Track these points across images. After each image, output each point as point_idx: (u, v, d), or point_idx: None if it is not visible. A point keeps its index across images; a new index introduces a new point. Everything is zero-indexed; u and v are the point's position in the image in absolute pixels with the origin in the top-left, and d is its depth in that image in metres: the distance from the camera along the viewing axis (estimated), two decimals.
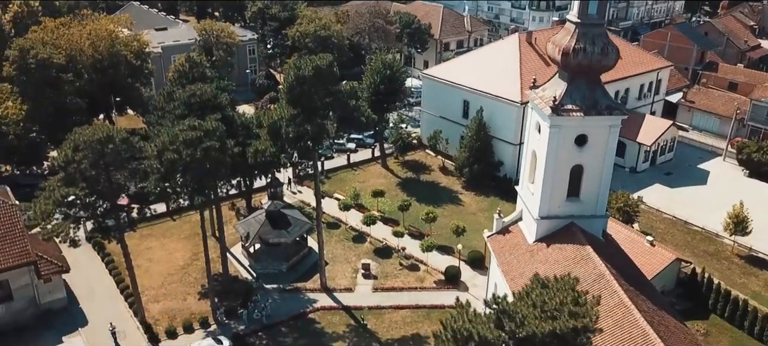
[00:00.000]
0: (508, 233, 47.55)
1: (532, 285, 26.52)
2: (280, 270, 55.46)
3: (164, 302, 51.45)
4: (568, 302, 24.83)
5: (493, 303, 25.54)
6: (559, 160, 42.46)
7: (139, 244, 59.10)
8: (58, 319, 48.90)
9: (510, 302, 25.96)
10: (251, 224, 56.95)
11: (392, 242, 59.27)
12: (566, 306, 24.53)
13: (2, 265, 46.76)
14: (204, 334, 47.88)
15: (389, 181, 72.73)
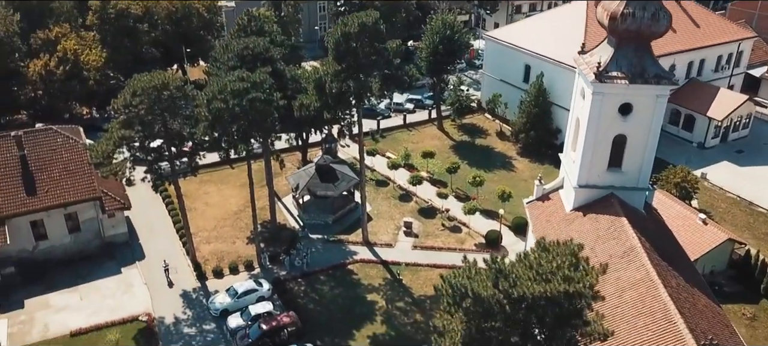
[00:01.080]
0: (547, 200, 47.09)
1: (535, 248, 26.57)
2: (325, 222, 57.31)
3: (215, 244, 54.50)
4: (565, 266, 24.76)
5: (491, 262, 25.83)
6: (601, 128, 41.47)
7: (198, 188, 62.57)
8: (119, 251, 52.92)
9: (508, 262, 26.17)
10: (301, 176, 58.95)
11: (437, 203, 59.81)
12: (561, 270, 24.49)
13: (72, 198, 50.91)
14: (247, 276, 50.50)
15: (443, 143, 72.88)
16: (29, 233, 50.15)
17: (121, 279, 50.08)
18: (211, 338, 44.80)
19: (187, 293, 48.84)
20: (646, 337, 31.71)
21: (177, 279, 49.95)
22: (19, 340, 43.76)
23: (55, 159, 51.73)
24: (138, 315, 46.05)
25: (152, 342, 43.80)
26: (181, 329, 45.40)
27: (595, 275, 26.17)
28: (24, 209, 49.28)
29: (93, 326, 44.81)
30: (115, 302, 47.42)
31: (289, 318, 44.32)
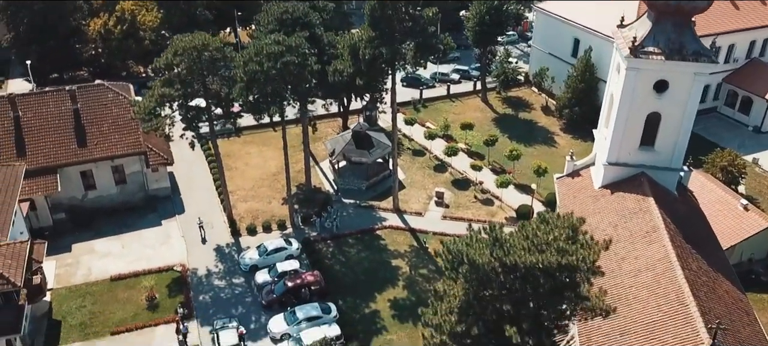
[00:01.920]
0: (577, 176, 46.43)
1: (535, 220, 26.52)
2: (359, 187, 58.22)
3: (251, 203, 56.33)
4: (561, 238, 24.64)
5: (489, 230, 25.97)
6: (635, 105, 40.51)
7: (240, 149, 64.55)
8: (161, 205, 55.46)
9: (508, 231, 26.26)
10: (338, 141, 59.89)
11: (471, 175, 59.67)
12: (557, 242, 24.39)
13: (119, 152, 53.57)
14: (279, 235, 52.09)
15: (485, 115, 72.27)
16: (79, 182, 53.14)
17: (161, 231, 52.58)
18: (239, 292, 46.69)
19: (220, 248, 50.88)
20: (657, 317, 31.21)
21: (212, 234, 52.03)
22: (65, 281, 46.85)
23: (105, 114, 54.38)
24: (173, 265, 48.43)
25: (184, 291, 45.99)
26: (212, 281, 47.47)
27: (597, 250, 25.92)
28: (74, 160, 52.20)
29: (131, 272, 47.43)
30: (153, 252, 49.92)
31: (313, 277, 45.64)
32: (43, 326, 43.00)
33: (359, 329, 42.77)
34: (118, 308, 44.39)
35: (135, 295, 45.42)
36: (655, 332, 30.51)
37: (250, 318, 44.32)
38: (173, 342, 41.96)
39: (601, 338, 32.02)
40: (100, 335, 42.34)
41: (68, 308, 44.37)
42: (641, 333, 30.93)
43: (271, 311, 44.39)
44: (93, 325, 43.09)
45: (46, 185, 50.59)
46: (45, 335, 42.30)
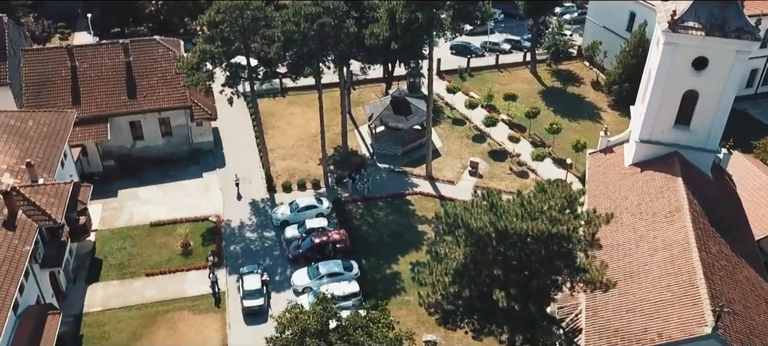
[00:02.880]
0: (610, 152, 45.46)
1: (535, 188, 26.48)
2: (395, 153, 58.79)
3: (289, 161, 57.89)
4: (555, 208, 24.55)
5: (487, 196, 26.13)
6: (671, 82, 39.24)
7: (284, 109, 66.12)
8: (203, 158, 57.74)
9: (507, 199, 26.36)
10: (377, 106, 60.46)
11: (509, 147, 59.18)
12: (550, 211, 24.34)
13: (166, 105, 55.93)
14: (313, 193, 53.48)
15: (532, 87, 71.08)
16: (128, 132, 55.94)
17: (202, 183, 54.88)
18: (269, 245, 48.48)
19: (255, 202, 52.74)
20: (666, 297, 30.67)
21: (249, 189, 53.90)
22: (109, 223, 49.83)
23: (154, 68, 56.71)
24: (209, 216, 50.66)
25: (217, 240, 48.12)
26: (244, 233, 49.43)
27: (597, 223, 25.72)
28: (124, 110, 54.90)
29: (170, 219, 49.94)
30: (192, 202, 52.28)
31: (338, 235, 46.84)
32: (86, 263, 46.07)
33: (379, 289, 43.77)
34: (154, 252, 46.95)
35: (171, 241, 47.87)
36: (661, 312, 30.04)
37: (277, 270, 46.06)
38: (202, 287, 44.12)
39: (607, 313, 31.77)
40: (136, 275, 45.01)
41: (110, 248, 47.27)
42: (647, 311, 30.52)
43: (296, 265, 45.98)
44: (130, 266, 45.81)
45: (97, 133, 53.55)
46: (87, 272, 45.33)
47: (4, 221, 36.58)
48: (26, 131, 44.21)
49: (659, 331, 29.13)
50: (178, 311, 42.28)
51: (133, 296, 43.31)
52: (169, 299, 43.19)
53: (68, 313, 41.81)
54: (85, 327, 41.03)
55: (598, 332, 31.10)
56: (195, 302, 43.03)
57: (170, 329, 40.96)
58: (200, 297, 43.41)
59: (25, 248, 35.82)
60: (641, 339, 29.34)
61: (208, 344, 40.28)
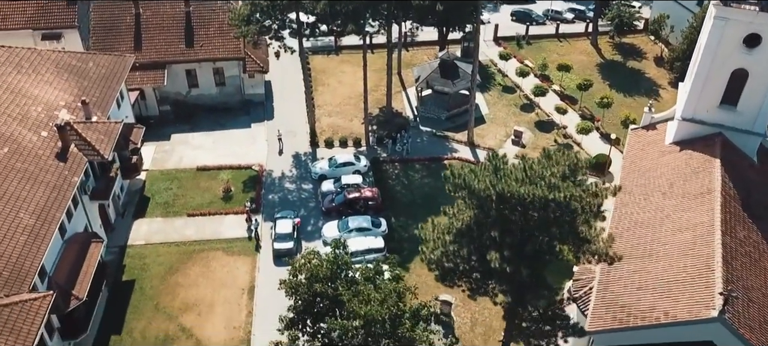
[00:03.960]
0: (652, 129, 44.06)
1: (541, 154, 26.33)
2: (439, 116, 58.86)
3: (334, 118, 59.08)
4: (556, 175, 24.38)
5: (491, 159, 26.23)
6: (719, 59, 37.55)
7: (336, 67, 67.14)
8: (254, 109, 59.76)
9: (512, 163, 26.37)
10: (425, 68, 60.50)
11: (557, 118, 58.10)
12: (551, 177, 24.20)
13: (220, 55, 58.02)
14: (354, 151, 54.55)
15: (590, 59, 69.01)
16: (184, 80, 58.47)
17: (249, 133, 56.93)
18: (306, 196, 50.08)
19: (297, 155, 54.35)
20: (680, 277, 29.97)
21: (293, 142, 55.52)
22: (160, 164, 52.68)
23: (212, 19, 58.71)
24: (252, 165, 52.64)
25: (256, 188, 50.09)
26: (283, 184, 51.20)
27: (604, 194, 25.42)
28: (181, 58, 57.34)
29: (215, 165, 52.28)
30: (238, 150, 54.42)
31: (371, 193, 47.81)
32: (135, 200, 49.10)
33: (404, 247, 44.55)
34: (197, 195, 49.44)
35: (214, 185, 50.21)
36: (672, 291, 29.43)
37: (310, 221, 47.61)
38: (238, 230, 46.25)
39: (618, 288, 31.40)
40: (178, 214, 47.65)
41: (157, 188, 50.11)
42: (658, 290, 29.96)
43: (328, 217, 47.38)
44: (174, 205, 48.48)
45: (154, 78, 56.31)
46: (135, 207, 48.34)
47: (57, 153, 39.50)
48: (86, 72, 47.09)
49: (666, 310, 28.62)
50: (212, 251, 44.60)
51: (174, 234, 45.95)
52: (206, 239, 45.56)
53: (114, 244, 44.97)
54: (127, 258, 43.99)
55: (605, 305, 30.84)
56: (229, 244, 45.21)
57: (204, 267, 43.34)
58: (234, 240, 45.55)
59: (73, 179, 38.65)
60: (647, 316, 28.93)
61: (237, 282, 42.41)
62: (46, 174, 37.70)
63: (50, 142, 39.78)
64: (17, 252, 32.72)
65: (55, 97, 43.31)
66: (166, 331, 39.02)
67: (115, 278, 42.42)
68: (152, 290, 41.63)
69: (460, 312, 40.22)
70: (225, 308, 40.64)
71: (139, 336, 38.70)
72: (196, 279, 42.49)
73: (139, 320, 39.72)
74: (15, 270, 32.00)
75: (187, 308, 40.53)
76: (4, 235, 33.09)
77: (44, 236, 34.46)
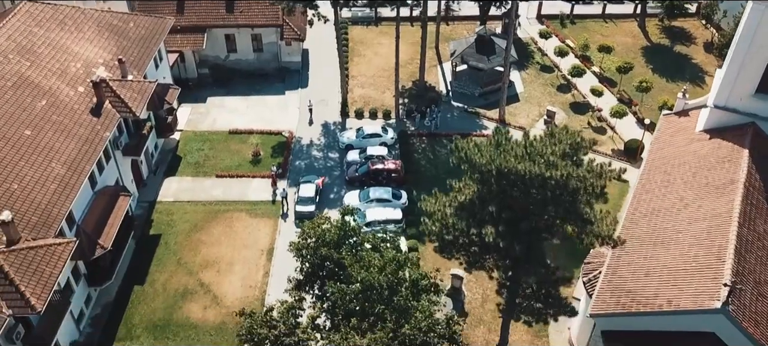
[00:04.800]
0: (685, 116, 42.73)
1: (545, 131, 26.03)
2: (472, 92, 58.42)
3: (367, 89, 59.38)
4: (556, 153, 24.09)
5: (495, 134, 26.09)
6: (757, 44, 36.09)
7: (374, 38, 67.21)
8: (289, 76, 60.61)
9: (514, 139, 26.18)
10: (461, 43, 59.94)
11: (593, 100, 56.84)
12: (551, 156, 23.93)
13: (258, 21, 58.93)
14: (383, 123, 54.83)
15: (635, 42, 66.89)
16: (223, 44, 59.73)
17: (283, 100, 57.89)
18: (331, 165, 50.78)
19: (327, 124, 55.02)
20: (689, 267, 29.30)
21: (324, 111, 56.14)
22: (194, 126, 54.25)
23: None
24: (282, 131, 53.61)
25: (284, 154, 51.08)
26: (311, 152, 52.04)
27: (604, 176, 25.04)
28: (221, 23, 58.52)
29: (247, 129, 53.48)
30: (270, 116, 55.48)
31: (394, 165, 48.13)
32: (168, 158, 50.83)
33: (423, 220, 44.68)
34: (227, 157, 50.79)
35: (244, 149, 51.45)
36: (679, 280, 28.82)
37: (333, 189, 48.37)
38: (263, 194, 47.42)
39: (626, 273, 30.93)
40: (207, 175, 49.14)
41: (190, 148, 51.70)
42: (665, 278, 29.38)
43: (351, 186, 48.03)
44: (204, 166, 49.99)
45: (194, 41, 57.70)
46: (167, 165, 50.07)
47: (92, 108, 41.27)
48: (126, 32, 48.73)
49: (670, 298, 28.09)
50: (237, 212, 45.91)
51: (202, 193, 47.46)
52: (232, 200, 46.90)
53: (144, 199, 46.83)
54: (156, 213, 45.76)
55: (611, 289, 30.48)
56: (253, 206, 46.43)
57: (227, 227, 44.71)
58: (259, 203, 46.73)
59: (105, 134, 40.36)
60: (650, 303, 28.47)
61: (258, 243, 43.61)
62: (80, 128, 39.48)
63: (86, 97, 41.56)
64: (46, 199, 34.57)
65: (94, 54, 45.07)
66: (186, 285, 40.60)
67: (143, 231, 44.24)
68: (176, 246, 43.27)
69: (472, 287, 40.38)
70: (243, 267, 41.93)
71: (161, 288, 40.41)
72: (218, 238, 43.90)
73: (162, 272, 41.43)
74: (43, 216, 33.87)
75: (207, 264, 42.01)
76: (36, 183, 34.99)
77: (73, 186, 36.24)
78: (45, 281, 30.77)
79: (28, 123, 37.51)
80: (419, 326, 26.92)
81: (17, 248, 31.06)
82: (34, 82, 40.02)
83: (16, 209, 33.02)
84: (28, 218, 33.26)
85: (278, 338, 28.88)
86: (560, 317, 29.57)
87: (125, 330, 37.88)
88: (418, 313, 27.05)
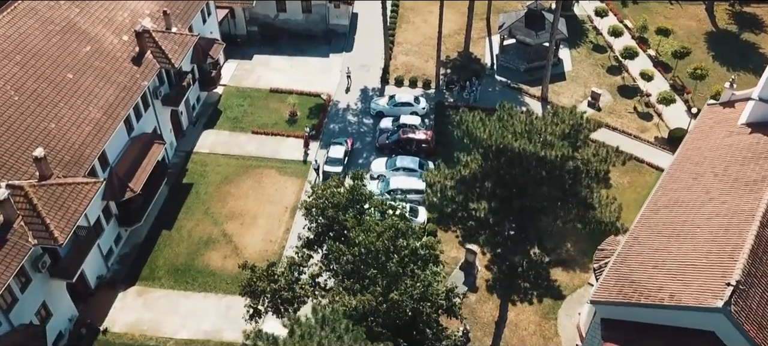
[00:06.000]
0: (730, 107, 40.35)
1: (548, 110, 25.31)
2: (517, 68, 57.15)
3: (410, 57, 59.07)
4: (555, 133, 23.42)
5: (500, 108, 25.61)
6: None
7: (425, 6, 66.43)
8: (336, 39, 61.03)
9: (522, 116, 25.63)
10: (511, 16, 58.53)
11: (642, 84, 54.54)
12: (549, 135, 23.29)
13: None
14: (422, 92, 54.54)
15: (699, 26, 63.40)
16: (273, 3, 60.56)
17: (326, 62, 58.40)
18: (364, 130, 51.13)
19: (366, 90, 55.22)
20: (698, 263, 28.01)
21: (365, 77, 56.33)
22: (237, 81, 55.64)
23: None
24: (321, 93, 54.21)
25: (320, 116, 51.73)
26: (346, 116, 52.48)
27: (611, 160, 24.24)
28: None
29: (287, 89, 54.38)
30: (311, 78, 56.12)
31: (425, 135, 47.96)
32: (209, 111, 52.45)
33: None
34: (265, 114, 51.93)
35: (282, 108, 52.44)
36: (686, 276, 27.63)
37: (362, 155, 48.78)
38: (294, 153, 48.36)
39: (635, 263, 29.92)
40: (244, 130, 50.46)
41: (231, 103, 53.13)
42: (673, 272, 28.23)
43: (381, 153, 48.25)
44: (242, 121, 51.33)
45: None
46: (207, 119, 51.69)
47: (133, 57, 42.98)
48: None
49: (673, 292, 27.06)
50: (267, 169, 47.07)
51: (236, 148, 48.85)
52: (264, 156, 48.09)
53: (182, 149, 48.66)
54: (191, 163, 47.51)
55: (616, 277, 29.58)
56: (284, 165, 47.46)
57: (255, 182, 45.97)
58: (289, 161, 47.72)
59: (143, 82, 42.03)
60: (651, 296, 27.51)
61: (283, 200, 44.67)
62: (120, 75, 41.26)
63: (129, 46, 43.28)
64: (80, 140, 36.52)
65: (141, 5, 46.70)
66: (210, 234, 42.18)
67: (177, 179, 46.08)
68: (206, 196, 44.89)
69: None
70: (266, 221, 43.12)
71: (186, 234, 42.16)
72: (247, 192, 45.22)
73: (189, 220, 43.16)
74: (76, 156, 35.84)
75: (233, 216, 43.44)
76: (73, 124, 36.97)
77: (107, 130, 38.08)
78: (69, 216, 32.69)
79: (72, 67, 39.48)
80: (410, 293, 27.09)
81: (47, 183, 33.06)
82: (82, 28, 41.95)
83: (51, 147, 35.06)
84: (62, 156, 35.27)
85: (277, 292, 29.77)
86: (572, 303, 29.30)
87: (149, 271, 39.86)
88: (409, 280, 27.19)
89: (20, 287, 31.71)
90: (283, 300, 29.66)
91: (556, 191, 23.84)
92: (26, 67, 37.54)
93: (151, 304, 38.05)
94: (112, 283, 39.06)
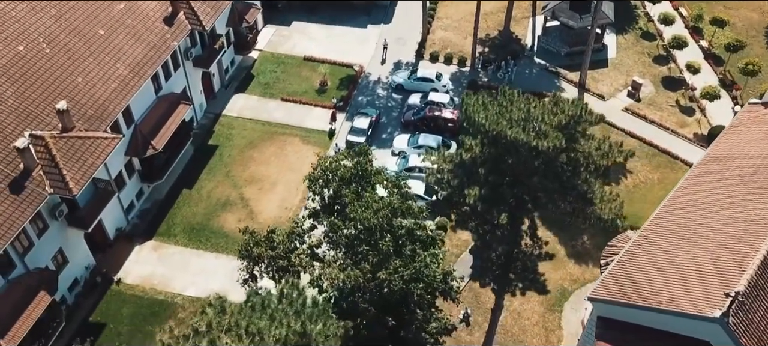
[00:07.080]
0: None
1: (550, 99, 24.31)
2: (558, 51, 55.31)
3: (449, 33, 57.97)
4: (551, 123, 22.46)
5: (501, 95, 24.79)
6: None
7: None
8: (375, 11, 60.28)
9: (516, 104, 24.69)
10: None
11: (689, 77, 51.85)
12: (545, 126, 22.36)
13: None
14: (456, 70, 53.58)
15: (761, 19, 59.53)
16: None
17: (363, 33, 57.96)
18: (392, 105, 50.76)
19: (400, 63, 54.61)
20: (705, 269, 26.61)
21: (401, 50, 55.64)
22: (273, 47, 55.99)
23: None
24: (353, 65, 53.97)
25: (349, 88, 51.57)
26: (376, 89, 52.16)
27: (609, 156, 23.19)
28: None
29: (320, 58, 54.38)
30: (346, 48, 55.86)
31: (451, 114, 47.18)
32: (241, 75, 53.09)
33: None
34: (296, 82, 52.18)
35: (313, 77, 52.55)
36: (689, 281, 26.32)
37: (387, 129, 48.44)
38: (320, 123, 48.51)
39: (639, 263, 28.75)
40: (273, 96, 50.90)
41: (264, 69, 53.60)
42: (676, 276, 26.95)
43: (405, 129, 47.82)
44: (273, 87, 51.76)
45: None
46: (239, 82, 52.35)
47: (166, 17, 43.76)
48: None
49: (672, 297, 25.88)
50: (291, 136, 47.44)
51: (264, 113, 49.36)
52: (290, 124, 48.46)
53: (211, 110, 49.56)
54: (218, 125, 48.36)
55: (617, 276, 28.51)
56: (308, 133, 47.73)
57: (278, 148, 46.42)
58: (314, 131, 47.93)
59: (173, 43, 42.82)
60: (650, 298, 26.40)
61: (304, 169, 44.36)
62: (150, 34, 42.13)
63: (163, 6, 44.06)
64: (105, 96, 37.64)
65: None
66: (228, 196, 42.98)
67: (203, 140, 47.01)
68: (229, 159, 45.67)
69: None
70: (284, 188, 43.58)
71: (205, 195, 43.10)
72: (269, 158, 45.75)
73: (210, 181, 44.07)
74: (99, 111, 36.99)
75: (252, 181, 44.09)
76: (99, 79, 38.11)
77: (133, 87, 39.08)
78: (86, 169, 33.86)
79: (104, 23, 40.57)
80: (401, 273, 26.89)
81: (68, 135, 34.29)
82: None
83: (76, 100, 36.28)
84: (86, 110, 36.46)
85: (273, 259, 30.09)
86: (580, 297, 28.47)
87: (166, 227, 41.04)
88: (399, 260, 26.97)
89: (37, 232, 33.18)
90: (279, 268, 29.96)
91: (550, 183, 22.99)
92: (61, 21, 38.79)
93: (164, 259, 39.23)
94: (130, 236, 40.43)
